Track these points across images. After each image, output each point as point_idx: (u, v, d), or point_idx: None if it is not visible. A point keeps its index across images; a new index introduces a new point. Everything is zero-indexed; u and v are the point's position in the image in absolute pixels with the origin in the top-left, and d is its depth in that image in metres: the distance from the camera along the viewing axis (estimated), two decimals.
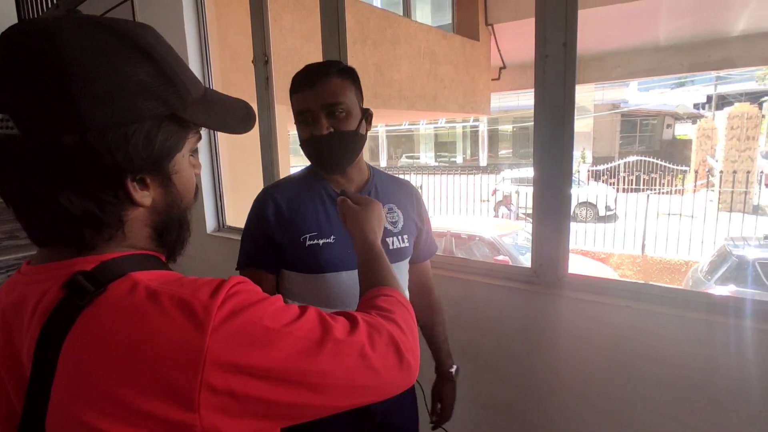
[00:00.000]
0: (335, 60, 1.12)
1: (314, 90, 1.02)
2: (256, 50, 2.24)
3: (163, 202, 0.55)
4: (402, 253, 1.16)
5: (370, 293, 0.72)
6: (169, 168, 0.54)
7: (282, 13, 3.30)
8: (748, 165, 10.46)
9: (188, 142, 0.56)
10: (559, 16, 1.38)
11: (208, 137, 2.60)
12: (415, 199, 1.23)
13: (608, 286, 1.43)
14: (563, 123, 1.42)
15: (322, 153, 1.05)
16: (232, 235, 2.58)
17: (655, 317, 1.30)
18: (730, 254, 5.03)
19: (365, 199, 0.93)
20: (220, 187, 2.66)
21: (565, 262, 1.50)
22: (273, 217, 1.06)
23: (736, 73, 17.38)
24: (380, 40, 4.41)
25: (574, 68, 1.39)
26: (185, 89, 0.53)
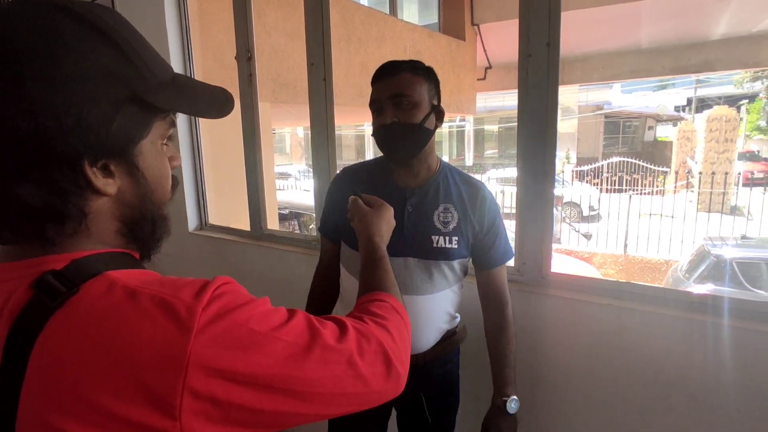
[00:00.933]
0: (417, 60, 1.15)
1: (385, 82, 1.09)
2: (239, 46, 2.21)
3: (132, 194, 0.52)
4: (446, 253, 1.15)
5: (366, 297, 0.71)
6: (133, 154, 0.51)
7: (266, 9, 3.27)
8: (727, 167, 10.72)
9: (156, 128, 0.53)
10: (542, 16, 1.39)
11: (190, 133, 2.55)
12: (481, 203, 1.19)
13: (590, 285, 1.44)
14: (546, 122, 1.42)
15: (386, 142, 1.11)
16: (215, 233, 2.53)
17: (636, 315, 1.31)
18: (708, 254, 5.14)
19: (377, 202, 0.94)
20: (202, 185, 2.61)
21: (549, 260, 1.51)
22: (337, 198, 1.24)
23: (715, 76, 17.78)
24: (366, 38, 4.39)
25: (557, 68, 1.40)
26: (148, 71, 0.51)
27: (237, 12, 2.19)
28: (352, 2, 4.36)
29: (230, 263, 2.42)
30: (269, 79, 3.15)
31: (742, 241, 5.35)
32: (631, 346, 1.33)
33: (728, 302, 1.24)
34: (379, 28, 4.62)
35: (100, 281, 0.47)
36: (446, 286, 1.18)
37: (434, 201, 1.16)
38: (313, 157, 2.04)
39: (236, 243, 2.37)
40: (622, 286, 1.40)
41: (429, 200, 1.16)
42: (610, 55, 7.30)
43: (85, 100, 0.45)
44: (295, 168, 17.07)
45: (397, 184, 1.17)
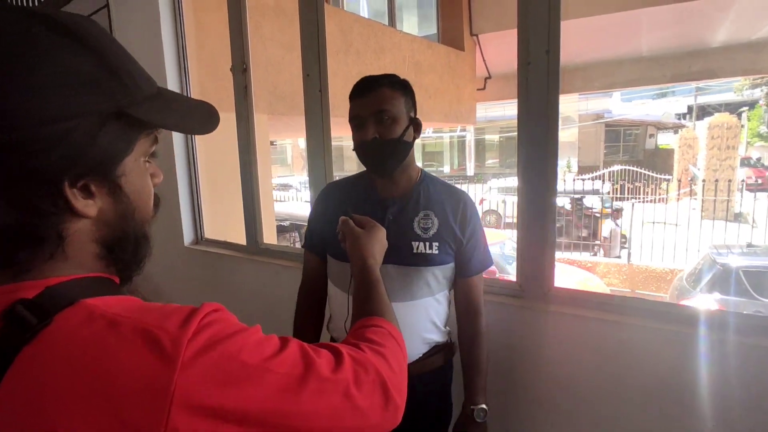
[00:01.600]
0: (393, 74, 1.18)
1: (365, 98, 1.11)
2: (235, 58, 2.19)
3: (112, 214, 0.49)
4: (426, 258, 1.16)
5: (361, 322, 0.68)
6: (116, 173, 0.48)
7: (262, 21, 3.26)
8: (729, 174, 10.65)
9: (140, 145, 0.50)
10: (542, 24, 1.35)
11: (186, 145, 2.52)
12: (462, 210, 1.20)
13: (596, 300, 1.39)
14: (547, 131, 1.38)
15: (368, 157, 1.14)
16: (211, 248, 2.49)
17: (644, 332, 1.26)
18: (714, 263, 5.06)
19: (369, 222, 0.92)
20: (198, 198, 2.57)
21: (551, 275, 1.46)
22: (322, 211, 1.27)
23: (715, 84, 17.81)
24: (364, 49, 4.39)
25: (558, 76, 1.36)
26: (134, 84, 0.48)
27: (232, 24, 2.17)
28: (350, 14, 4.37)
29: (225, 279, 2.37)
30: (266, 91, 3.13)
31: (747, 249, 5.27)
32: (639, 365, 1.27)
33: (741, 318, 1.18)
34: (377, 39, 4.62)
35: (76, 310, 0.43)
36: (428, 294, 1.17)
37: (414, 208, 1.18)
38: (310, 169, 2.00)
39: (231, 258, 2.32)
40: (628, 301, 1.34)
41: (409, 208, 1.18)
42: (610, 64, 7.30)
43: (67, 112, 0.42)
44: (296, 179, 17.08)
45: (380, 195, 1.20)
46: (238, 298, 2.33)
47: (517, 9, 1.39)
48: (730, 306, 4.77)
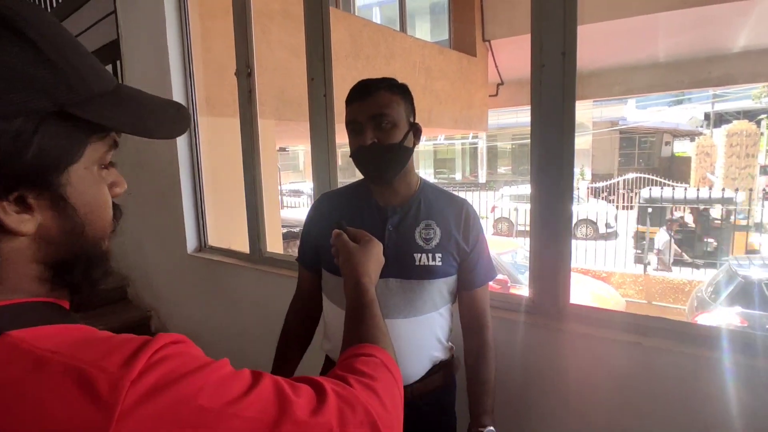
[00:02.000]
0: (390, 77, 1.12)
1: (363, 102, 1.05)
2: (239, 62, 2.14)
3: (56, 230, 0.42)
4: (429, 270, 1.09)
5: (352, 351, 0.60)
6: (59, 182, 0.41)
7: (270, 25, 3.23)
8: (749, 182, 10.38)
9: (92, 150, 0.43)
10: (557, 24, 1.27)
11: (190, 149, 2.48)
12: (465, 220, 1.14)
13: (615, 319, 1.29)
14: (562, 137, 1.30)
15: (366, 164, 1.08)
16: (215, 255, 2.44)
17: (670, 357, 1.16)
18: (735, 274, 4.89)
19: (364, 236, 0.84)
20: (202, 204, 2.53)
21: (567, 290, 1.37)
22: (317, 222, 1.20)
23: (732, 91, 17.45)
24: (374, 54, 4.34)
25: (574, 79, 1.28)
26: (79, 79, 0.41)
27: (237, 27, 2.12)
28: (359, 18, 4.33)
29: (227, 288, 2.31)
30: (273, 96, 3.08)
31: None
32: (663, 392, 1.16)
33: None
34: (387, 44, 4.56)
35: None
36: (432, 309, 1.11)
37: (415, 218, 1.12)
38: (314, 175, 1.94)
39: (234, 266, 2.26)
40: (652, 321, 1.24)
41: (410, 218, 1.12)
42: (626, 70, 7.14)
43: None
44: (308, 185, 17.12)
45: (378, 204, 1.14)
46: (239, 307, 2.27)
47: (531, 8, 1.31)
48: (752, 320, 4.59)
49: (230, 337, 2.35)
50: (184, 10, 2.39)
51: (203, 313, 2.50)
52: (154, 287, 2.81)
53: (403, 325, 1.09)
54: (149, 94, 0.49)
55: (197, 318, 2.56)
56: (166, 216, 2.57)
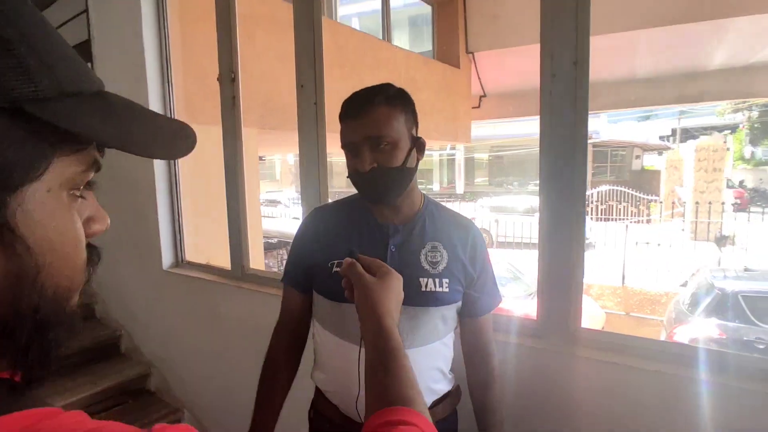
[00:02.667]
0: (387, 83, 1.00)
1: (358, 120, 0.94)
2: (222, 67, 2.02)
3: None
4: (436, 297, 1.00)
5: (383, 417, 0.49)
6: (3, 205, 0.29)
7: (256, 31, 3.11)
8: (716, 196, 10.74)
9: (58, 167, 0.32)
10: (568, 33, 1.21)
11: (167, 161, 2.32)
12: (472, 242, 1.05)
13: (632, 344, 1.22)
14: (574, 150, 1.23)
15: (366, 189, 0.99)
16: (193, 272, 2.28)
17: (691, 385, 1.08)
18: (712, 287, 4.96)
19: (381, 268, 0.72)
20: (179, 217, 2.37)
21: (578, 313, 1.29)
22: (310, 239, 1.09)
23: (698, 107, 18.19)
24: (359, 63, 4.27)
25: (587, 89, 1.22)
26: (44, 67, 0.30)
27: (220, 30, 2.01)
28: (345, 26, 4.26)
29: (207, 306, 2.16)
30: (258, 104, 2.96)
31: (745, 273, 5.20)
32: (685, 424, 1.09)
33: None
34: (373, 53, 4.51)
35: None
36: (435, 338, 1.03)
37: (420, 239, 1.02)
38: (303, 186, 1.82)
39: (215, 283, 2.12)
40: (671, 347, 1.18)
41: (414, 238, 1.02)
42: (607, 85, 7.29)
43: None
44: (284, 195, 16.87)
45: (378, 221, 1.04)
46: (220, 327, 2.11)
47: (541, 17, 1.25)
48: (729, 332, 4.66)
49: (211, 358, 2.19)
50: (163, 10, 2.25)
51: (180, 333, 2.33)
52: (126, 305, 2.62)
53: None
54: (142, 107, 0.37)
55: (173, 338, 2.38)
56: (141, 229, 2.39)
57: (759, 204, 13.63)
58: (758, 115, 19.73)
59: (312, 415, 1.13)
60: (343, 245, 1.01)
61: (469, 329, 1.09)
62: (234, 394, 2.08)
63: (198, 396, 2.32)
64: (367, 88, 0.99)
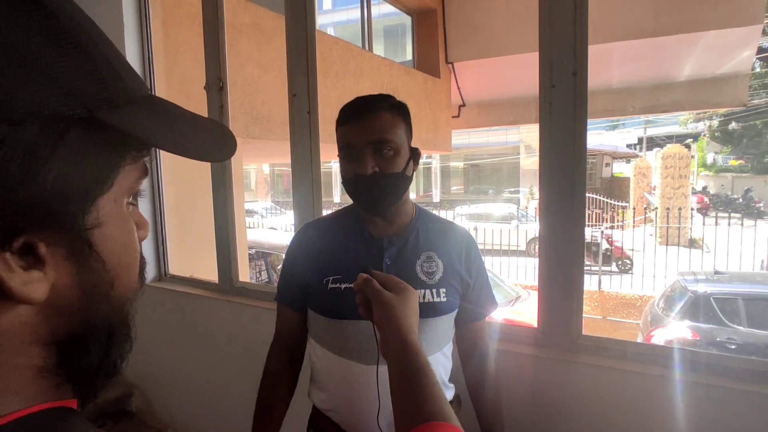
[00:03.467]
0: (388, 94, 1.00)
1: (362, 124, 0.94)
2: (210, 75, 1.97)
3: (74, 292, 0.29)
4: (435, 308, 1.00)
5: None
6: (85, 222, 0.28)
7: (239, 39, 3.07)
8: (682, 201, 11.16)
9: (125, 176, 0.31)
10: (567, 45, 1.24)
11: (150, 169, 2.25)
12: (467, 250, 1.05)
13: (634, 351, 1.23)
14: (574, 158, 1.25)
15: (364, 194, 0.97)
16: (178, 286, 2.20)
17: (696, 390, 1.10)
18: (685, 290, 5.13)
19: (397, 284, 0.71)
20: (162, 228, 2.29)
21: (579, 320, 1.30)
22: (303, 255, 1.05)
23: (663, 117, 18.95)
24: (343, 72, 4.27)
25: (586, 99, 1.24)
26: (115, 75, 0.29)
27: (208, 37, 1.96)
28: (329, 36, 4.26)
29: (195, 322, 2.08)
30: (242, 113, 2.91)
31: (716, 276, 5.39)
32: (688, 428, 1.10)
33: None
34: (356, 63, 4.52)
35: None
36: (436, 349, 1.02)
37: (414, 250, 1.02)
38: (295, 198, 1.79)
39: (202, 298, 2.05)
40: (673, 352, 1.19)
41: (409, 250, 1.02)
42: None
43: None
44: (260, 205, 16.64)
45: (372, 235, 1.03)
46: (209, 342, 2.04)
47: (539, 27, 1.27)
48: (702, 333, 4.82)
49: (197, 376, 2.11)
50: (146, 16, 2.19)
51: (164, 350, 2.24)
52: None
53: None
54: (183, 108, 0.36)
55: (157, 356, 2.29)
56: None
57: (722, 209, 14.23)
58: (718, 124, 20.70)
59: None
60: (338, 260, 1.00)
61: (466, 335, 1.09)
62: (223, 413, 2.00)
63: (184, 416, 2.23)
64: (369, 95, 0.99)
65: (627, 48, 5.05)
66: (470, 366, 1.12)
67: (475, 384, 1.11)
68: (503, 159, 19.94)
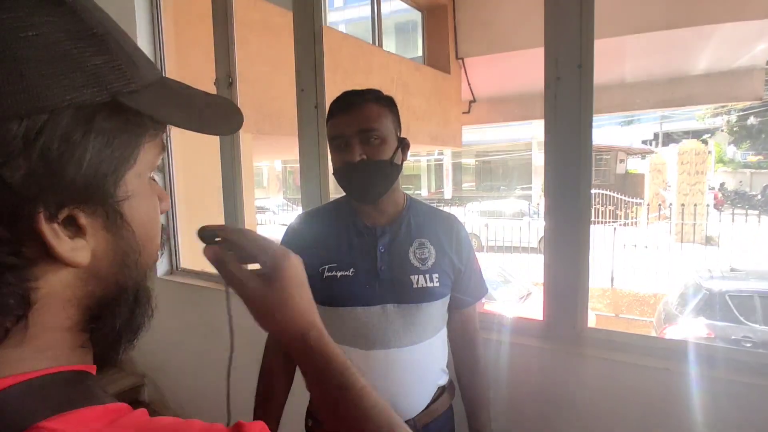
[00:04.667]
0: (374, 89, 1.05)
1: (349, 115, 0.98)
2: (220, 70, 2.00)
3: (109, 258, 0.33)
4: (428, 293, 1.03)
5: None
6: (117, 195, 0.32)
7: (249, 36, 3.10)
8: (699, 198, 10.96)
9: (145, 152, 0.35)
10: (572, 37, 1.23)
11: (162, 163, 2.29)
12: (457, 236, 1.09)
13: (639, 344, 1.23)
14: (579, 152, 1.25)
15: (353, 181, 1.01)
16: (189, 279, 2.24)
17: (700, 382, 1.09)
18: (700, 287, 5.05)
19: (264, 251, 0.49)
20: (174, 221, 2.33)
21: (584, 313, 1.30)
22: (297, 246, 1.03)
23: (679, 112, 18.61)
24: (352, 68, 4.28)
25: (591, 92, 1.24)
26: (131, 62, 0.33)
27: (217, 33, 1.99)
28: (338, 32, 4.28)
29: (206, 314, 2.12)
30: (252, 110, 2.95)
31: (731, 273, 5.30)
32: (692, 420, 1.10)
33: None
34: (366, 59, 4.53)
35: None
36: (432, 333, 1.06)
37: (407, 237, 1.06)
38: (303, 189, 1.81)
39: (213, 290, 2.08)
40: (677, 345, 1.19)
41: (402, 237, 1.06)
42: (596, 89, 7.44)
43: (37, 104, 0.27)
44: (272, 202, 16.76)
45: (365, 224, 1.07)
46: (220, 336, 2.07)
47: (545, 21, 1.27)
48: (717, 331, 4.75)
49: (208, 368, 2.15)
50: (157, 14, 2.23)
51: (175, 342, 2.28)
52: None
53: (404, 354, 1.01)
54: (192, 87, 0.40)
55: (168, 347, 2.34)
56: None
57: (740, 206, 13.94)
58: (737, 119, 20.27)
59: (310, 425, 1.11)
60: (332, 249, 1.04)
61: (457, 320, 1.12)
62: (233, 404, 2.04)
63: (194, 407, 2.27)
64: (356, 89, 1.04)
65: (640, 41, 4.98)
66: (460, 353, 1.15)
67: (464, 372, 1.14)
68: (515, 155, 19.78)
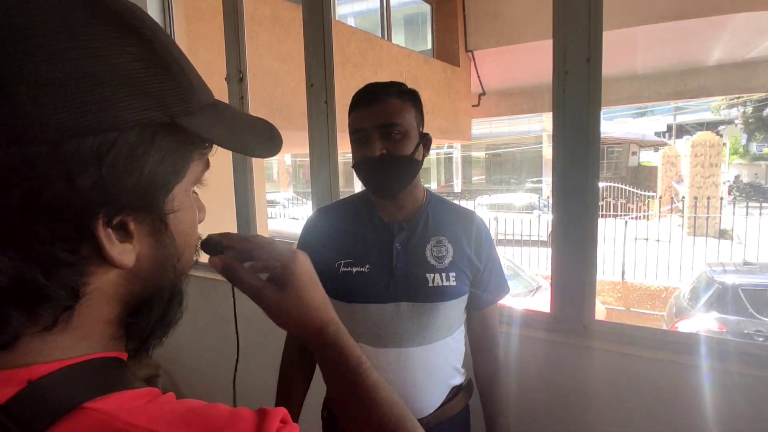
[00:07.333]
0: (398, 82, 1.04)
1: (371, 109, 0.97)
2: (230, 67, 2.02)
3: (150, 261, 0.37)
4: (444, 292, 1.01)
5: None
6: (165, 206, 0.36)
7: (259, 31, 3.12)
8: (713, 191, 10.80)
9: (193, 169, 0.39)
10: (581, 30, 1.23)
11: None
12: (476, 234, 1.07)
13: (646, 336, 1.24)
14: (588, 145, 1.25)
15: (373, 176, 1.00)
16: (199, 272, 2.28)
17: (710, 374, 1.10)
18: (712, 281, 5.01)
19: (273, 256, 0.52)
20: None
21: (592, 306, 1.31)
22: (315, 240, 1.08)
23: (693, 103, 18.30)
24: (361, 62, 4.29)
25: (599, 85, 1.24)
26: (190, 86, 0.36)
27: (228, 30, 2.01)
28: (348, 26, 4.28)
29: (217, 306, 2.16)
30: (262, 104, 2.97)
31: (744, 267, 5.24)
32: (700, 413, 1.11)
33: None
34: (375, 52, 4.53)
35: (75, 423, 0.30)
36: (447, 334, 1.04)
37: (424, 235, 1.04)
38: (313, 184, 1.83)
39: (223, 283, 2.12)
40: (685, 337, 1.20)
41: (419, 235, 1.04)
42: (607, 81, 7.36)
43: (105, 123, 0.31)
44: (282, 195, 16.87)
45: (383, 220, 1.06)
46: (233, 328, 2.12)
47: (553, 13, 1.27)
48: (729, 325, 4.71)
49: (222, 360, 2.20)
50: (169, 10, 2.26)
51: (189, 334, 2.34)
52: None
53: (417, 353, 1.01)
54: (240, 111, 0.46)
55: (182, 339, 2.39)
56: None
57: (755, 199, 13.72)
58: (752, 110, 19.87)
59: (325, 416, 1.13)
60: (349, 244, 1.03)
61: (476, 320, 1.11)
62: (247, 395, 2.08)
63: (209, 398, 2.32)
64: (379, 82, 1.03)
65: (652, 32, 4.91)
66: (479, 355, 1.13)
67: (483, 374, 1.12)
68: (525, 148, 19.64)
